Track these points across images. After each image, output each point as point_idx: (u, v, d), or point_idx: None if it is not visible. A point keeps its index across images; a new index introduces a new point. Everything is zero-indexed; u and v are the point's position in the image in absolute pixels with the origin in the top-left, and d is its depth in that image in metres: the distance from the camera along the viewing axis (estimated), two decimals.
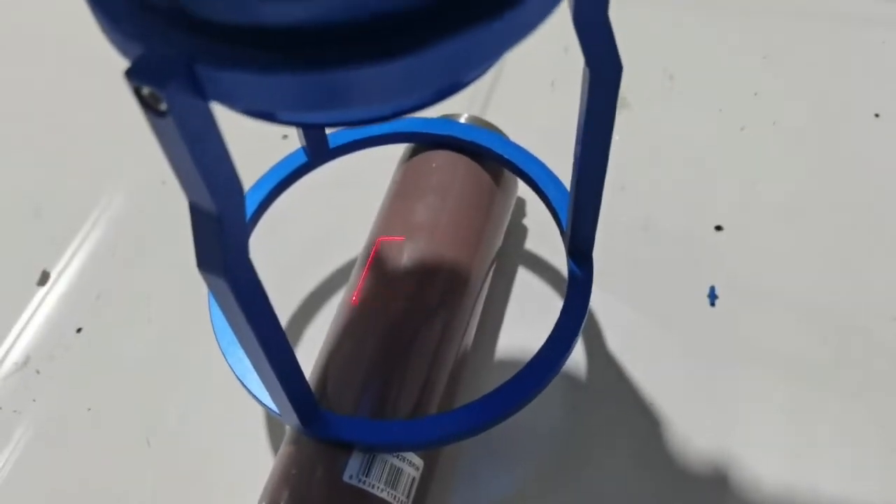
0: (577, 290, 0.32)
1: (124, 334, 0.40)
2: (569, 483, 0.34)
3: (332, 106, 0.17)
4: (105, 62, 0.53)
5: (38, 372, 0.39)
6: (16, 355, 0.40)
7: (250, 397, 0.32)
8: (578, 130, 0.27)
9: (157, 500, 0.35)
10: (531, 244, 0.42)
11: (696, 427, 0.35)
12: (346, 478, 0.30)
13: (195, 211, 0.20)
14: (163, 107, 0.17)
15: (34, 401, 0.38)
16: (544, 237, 0.42)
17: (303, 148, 0.37)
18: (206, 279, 0.21)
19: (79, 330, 0.41)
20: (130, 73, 0.16)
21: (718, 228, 0.41)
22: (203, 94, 0.17)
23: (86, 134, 0.50)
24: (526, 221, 0.42)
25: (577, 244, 0.32)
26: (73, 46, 0.54)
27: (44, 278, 0.43)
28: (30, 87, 0.53)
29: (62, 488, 0.36)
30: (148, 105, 0.17)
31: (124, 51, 0.17)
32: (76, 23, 0.55)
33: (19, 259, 0.44)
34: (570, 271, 0.33)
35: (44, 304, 0.42)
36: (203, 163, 0.18)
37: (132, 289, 0.42)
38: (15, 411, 0.38)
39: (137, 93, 0.17)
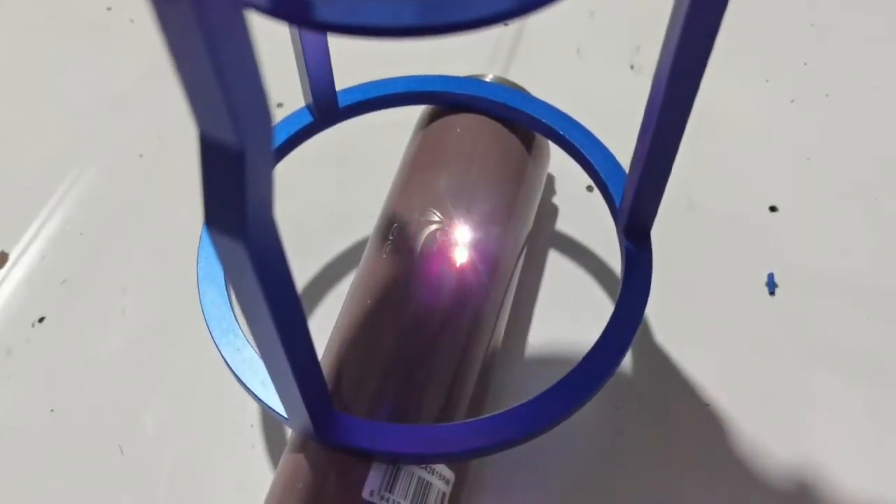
0: (636, 272, 0.27)
1: (93, 326, 0.35)
2: (612, 496, 0.30)
3: None
4: (71, 15, 0.48)
5: None
6: None
7: (241, 399, 0.27)
8: (662, 69, 0.22)
9: None
10: (562, 225, 0.37)
11: (760, 431, 0.31)
12: (365, 494, 0.25)
13: (208, 147, 0.15)
14: None
15: None
16: (577, 217, 0.37)
17: (307, 107, 0.32)
18: (217, 242, 0.16)
19: (41, 320, 0.35)
20: None
21: (773, 209, 0.37)
22: None
23: (51, 99, 0.44)
24: (555, 200, 0.37)
25: (636, 220, 0.28)
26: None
27: (1, 260, 0.37)
28: None
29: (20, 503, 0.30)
30: None
31: None
32: None
33: None
34: (627, 252, 0.28)
35: (0, 291, 0.36)
36: (225, 70, 0.13)
37: (103, 275, 0.37)
38: None
39: None
